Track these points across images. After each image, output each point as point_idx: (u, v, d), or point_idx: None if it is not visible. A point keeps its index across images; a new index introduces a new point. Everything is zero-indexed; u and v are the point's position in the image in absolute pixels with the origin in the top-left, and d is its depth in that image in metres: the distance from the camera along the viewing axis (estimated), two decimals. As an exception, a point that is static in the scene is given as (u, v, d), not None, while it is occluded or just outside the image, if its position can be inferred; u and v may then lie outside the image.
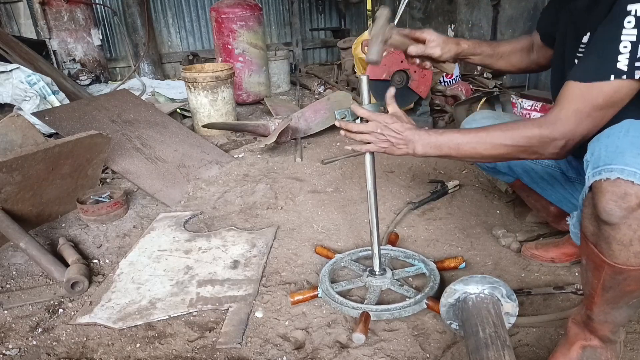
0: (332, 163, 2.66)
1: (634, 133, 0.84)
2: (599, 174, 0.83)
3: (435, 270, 1.49)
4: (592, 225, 0.90)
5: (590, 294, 0.99)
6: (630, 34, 0.89)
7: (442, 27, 5.03)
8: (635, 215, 0.81)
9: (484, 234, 1.79)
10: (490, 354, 1.00)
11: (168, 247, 1.84)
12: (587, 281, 0.98)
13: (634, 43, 0.89)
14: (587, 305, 1.02)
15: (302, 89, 4.82)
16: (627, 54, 0.89)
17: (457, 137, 1.11)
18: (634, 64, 0.90)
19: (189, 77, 3.22)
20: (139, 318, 1.43)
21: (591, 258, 0.93)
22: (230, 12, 4.01)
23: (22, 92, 3.15)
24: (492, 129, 1.08)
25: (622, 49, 0.90)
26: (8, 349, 1.33)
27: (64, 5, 4.59)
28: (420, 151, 1.12)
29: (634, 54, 0.89)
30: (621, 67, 0.90)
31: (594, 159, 0.86)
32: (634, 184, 0.79)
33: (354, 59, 3.68)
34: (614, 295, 0.94)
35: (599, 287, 0.94)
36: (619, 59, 0.90)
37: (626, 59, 0.90)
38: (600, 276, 0.92)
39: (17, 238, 1.69)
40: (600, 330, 1.03)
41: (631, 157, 0.81)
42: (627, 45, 0.89)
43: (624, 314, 0.99)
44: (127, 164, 2.42)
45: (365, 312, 1.31)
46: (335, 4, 6.63)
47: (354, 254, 1.65)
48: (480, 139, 1.08)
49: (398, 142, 1.14)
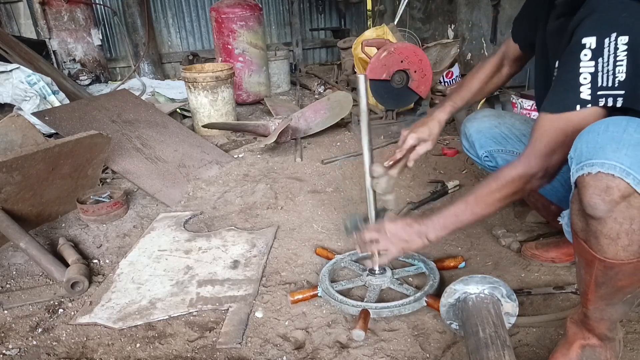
0: (332, 163, 2.66)
1: (613, 129, 0.86)
2: (581, 169, 0.86)
3: (435, 269, 1.49)
4: (580, 221, 0.92)
5: (584, 291, 1.00)
6: (588, 66, 0.96)
7: (442, 27, 5.03)
8: (620, 209, 0.83)
9: (484, 234, 1.79)
10: (490, 354, 1.00)
11: (168, 247, 1.84)
12: (581, 278, 1.00)
13: (592, 74, 0.95)
14: (583, 303, 1.03)
15: (302, 89, 4.82)
16: (588, 84, 0.96)
17: (455, 211, 1.18)
18: (596, 93, 0.96)
19: (189, 77, 3.22)
20: (139, 318, 1.43)
21: (582, 254, 0.95)
22: (230, 12, 4.01)
23: (22, 92, 3.15)
24: (479, 190, 1.15)
25: (583, 80, 0.96)
26: (8, 349, 1.33)
27: (64, 5, 4.59)
28: (433, 238, 1.20)
29: (594, 83, 0.95)
30: (585, 97, 0.96)
31: (577, 155, 0.88)
32: (614, 176, 0.81)
33: (354, 59, 3.68)
34: (607, 291, 0.95)
35: (592, 284, 0.96)
36: (582, 90, 0.97)
37: (588, 89, 0.96)
38: (592, 272, 0.94)
39: (17, 238, 1.69)
40: (597, 328, 1.04)
41: (611, 151, 0.82)
42: (587, 77, 0.96)
43: (619, 310, 1.00)
44: (127, 164, 2.42)
45: (365, 309, 1.31)
46: (335, 4, 6.63)
47: (354, 254, 1.65)
48: (474, 204, 1.15)
49: (411, 239, 1.22)
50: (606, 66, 0.94)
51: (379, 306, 1.34)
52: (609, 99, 0.95)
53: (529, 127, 1.54)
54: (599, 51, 0.94)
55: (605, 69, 0.94)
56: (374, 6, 6.51)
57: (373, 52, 2.91)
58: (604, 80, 0.95)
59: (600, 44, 0.94)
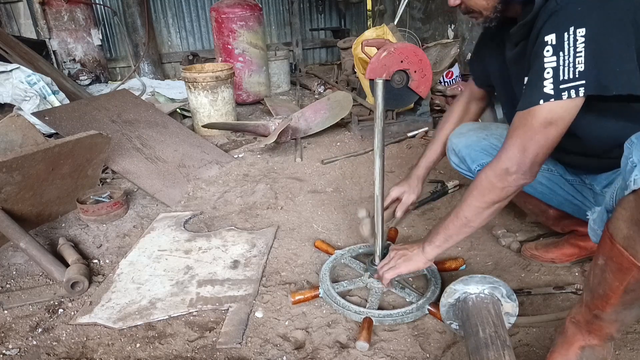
0: (332, 163, 2.66)
1: None
2: None
3: (436, 272, 1.49)
4: (629, 228, 0.86)
5: (606, 295, 0.96)
6: (550, 61, 0.99)
7: (442, 27, 5.03)
8: None
9: (484, 234, 1.79)
10: (490, 354, 1.00)
11: (168, 247, 1.84)
12: (605, 282, 0.95)
13: (555, 68, 0.98)
14: (598, 306, 0.99)
15: (302, 89, 4.82)
16: (551, 78, 0.99)
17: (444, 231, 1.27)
18: (559, 87, 0.98)
19: (189, 77, 3.22)
20: (139, 318, 1.43)
21: (617, 260, 0.90)
22: (230, 12, 4.01)
23: (22, 92, 3.15)
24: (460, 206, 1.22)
25: (546, 75, 1.00)
26: (8, 349, 1.33)
27: (64, 5, 4.59)
28: (431, 256, 1.33)
29: (556, 77, 0.99)
30: (547, 91, 1.00)
31: None
32: None
33: (354, 59, 3.67)
34: (633, 297, 0.92)
35: (620, 289, 0.92)
36: (545, 84, 1.00)
37: (550, 83, 0.99)
38: (625, 279, 0.90)
39: (17, 238, 1.69)
40: (607, 329, 1.02)
41: None
42: (550, 71, 0.99)
43: (633, 313, 0.99)
44: (127, 164, 2.42)
45: (368, 317, 1.31)
46: (335, 4, 6.63)
47: (353, 250, 1.65)
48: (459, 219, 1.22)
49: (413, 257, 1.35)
50: (567, 59, 0.97)
51: (382, 314, 1.33)
52: (571, 91, 0.98)
53: None
54: (559, 45, 0.97)
55: (566, 61, 0.97)
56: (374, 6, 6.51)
57: (373, 52, 2.90)
58: (566, 73, 0.98)
59: (560, 38, 0.97)
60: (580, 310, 1.05)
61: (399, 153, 2.79)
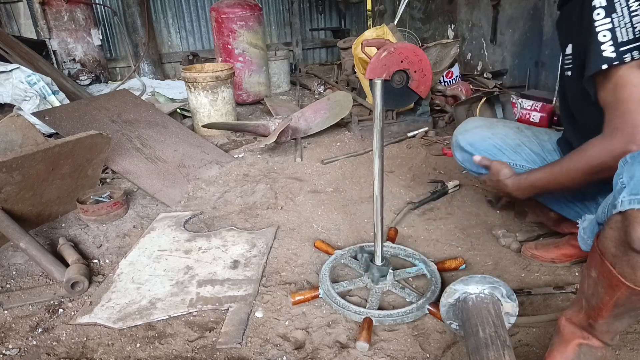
0: (332, 163, 2.66)
1: None
2: (637, 203, 0.78)
3: (436, 272, 1.49)
4: (616, 248, 0.86)
5: (598, 307, 0.96)
6: (604, 23, 0.94)
7: (442, 27, 5.03)
8: None
9: (484, 234, 1.79)
10: (490, 354, 1.00)
11: (168, 247, 1.84)
12: (596, 295, 0.95)
13: (611, 30, 0.93)
14: (591, 316, 1.00)
15: (302, 89, 4.82)
16: (610, 41, 0.94)
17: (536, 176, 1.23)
18: (619, 49, 0.93)
19: (189, 77, 3.22)
20: (139, 318, 1.43)
21: (606, 276, 0.90)
22: (230, 12, 4.01)
23: (22, 92, 3.15)
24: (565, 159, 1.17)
25: (602, 38, 0.95)
26: (8, 349, 1.33)
27: (64, 5, 4.59)
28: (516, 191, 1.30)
29: (615, 40, 0.93)
30: (608, 54, 0.95)
31: (634, 183, 0.80)
32: None
33: (354, 59, 3.67)
34: (624, 310, 0.93)
35: (610, 304, 0.92)
36: (604, 48, 0.95)
37: (610, 45, 0.94)
38: (614, 294, 0.90)
39: (17, 238, 1.69)
40: (600, 337, 1.03)
41: None
42: (607, 34, 0.94)
43: (625, 323, 0.99)
44: (127, 164, 2.42)
45: (368, 317, 1.31)
46: (335, 4, 6.63)
47: (353, 250, 1.65)
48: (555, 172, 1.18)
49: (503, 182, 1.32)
50: (622, 20, 0.92)
51: (382, 314, 1.33)
52: (634, 52, 0.92)
53: (524, 136, 1.53)
54: (610, 7, 0.92)
55: (621, 22, 0.92)
56: (374, 6, 6.51)
57: (373, 52, 2.91)
58: (623, 34, 0.92)
59: (609, 0, 0.92)
60: (577, 315, 1.05)
61: (399, 153, 2.79)
